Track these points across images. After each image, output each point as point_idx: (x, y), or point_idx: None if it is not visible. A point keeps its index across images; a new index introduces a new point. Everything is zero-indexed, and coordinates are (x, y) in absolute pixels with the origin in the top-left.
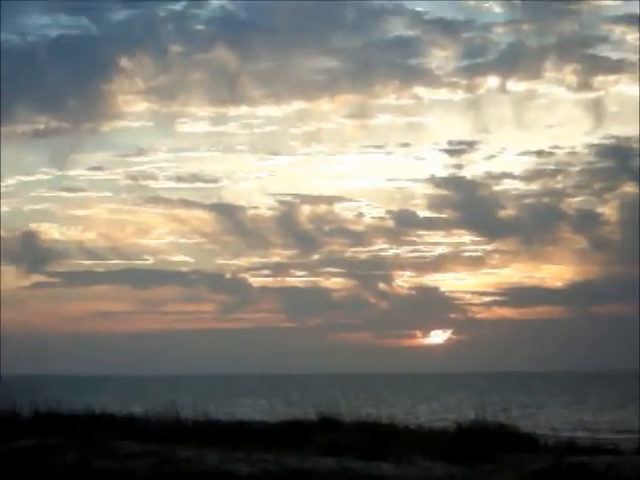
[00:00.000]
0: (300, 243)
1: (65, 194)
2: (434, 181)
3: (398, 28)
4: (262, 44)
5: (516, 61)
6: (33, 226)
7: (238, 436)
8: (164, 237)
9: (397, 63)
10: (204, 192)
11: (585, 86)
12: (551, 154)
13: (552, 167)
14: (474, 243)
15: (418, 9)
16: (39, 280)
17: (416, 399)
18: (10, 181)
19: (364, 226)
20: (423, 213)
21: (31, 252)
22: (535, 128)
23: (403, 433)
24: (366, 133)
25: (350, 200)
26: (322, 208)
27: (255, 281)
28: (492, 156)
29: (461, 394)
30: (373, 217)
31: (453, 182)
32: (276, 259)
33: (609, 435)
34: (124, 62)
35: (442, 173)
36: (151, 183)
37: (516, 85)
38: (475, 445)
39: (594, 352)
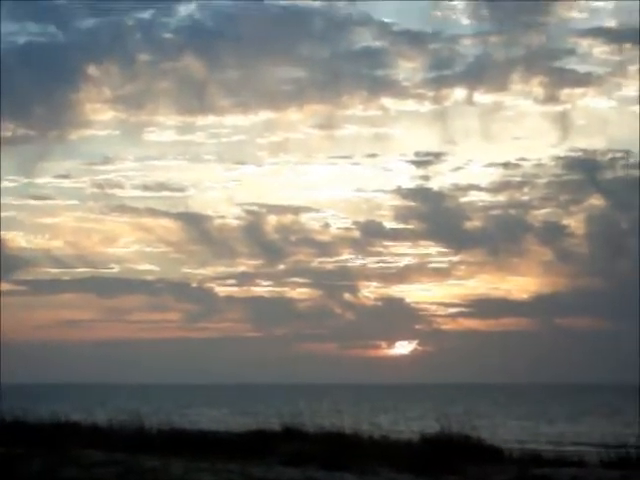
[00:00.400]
0: (266, 253)
1: (32, 202)
2: (401, 192)
3: (365, 39)
4: (230, 53)
5: (483, 73)
6: None
7: (202, 446)
8: (130, 246)
9: (364, 74)
10: (171, 201)
11: (552, 99)
12: (517, 166)
13: (518, 179)
14: (440, 254)
15: (386, 20)
16: (6, 288)
17: (380, 410)
18: None
19: (330, 236)
20: (389, 224)
21: None
22: (502, 140)
23: (367, 444)
24: (333, 143)
25: (317, 210)
26: (288, 218)
27: (221, 290)
28: (459, 168)
29: (426, 405)
30: (339, 227)
31: (420, 193)
32: (242, 269)
33: (573, 447)
34: (91, 70)
35: (409, 184)
36: (118, 192)
37: (483, 97)
38: (440, 456)
39: (559, 364)
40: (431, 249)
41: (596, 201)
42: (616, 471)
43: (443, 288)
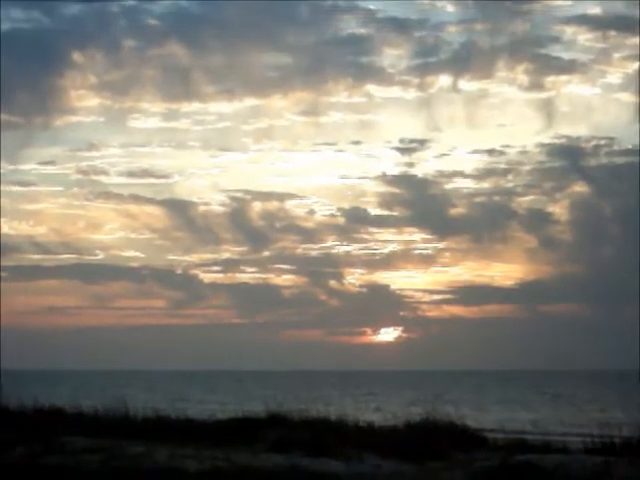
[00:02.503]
0: (251, 240)
1: (16, 188)
2: (385, 179)
3: (351, 26)
4: (215, 40)
5: (468, 60)
6: None
7: (187, 432)
8: (115, 232)
9: (350, 61)
10: (155, 188)
11: (536, 86)
12: (502, 153)
13: (503, 166)
14: (425, 241)
15: (371, 7)
16: None
17: (365, 396)
18: None
19: (315, 223)
20: (374, 211)
21: None
22: (486, 127)
23: (352, 430)
24: (318, 130)
25: (301, 197)
26: (273, 205)
27: (206, 277)
28: (443, 154)
29: (411, 392)
30: (324, 214)
31: (404, 180)
32: (227, 255)
33: (559, 435)
34: (76, 57)
35: (393, 171)
36: (102, 178)
37: (468, 84)
38: (425, 442)
39: (543, 351)
40: (416, 236)
41: (580, 188)
42: (600, 457)
43: (428, 275)
